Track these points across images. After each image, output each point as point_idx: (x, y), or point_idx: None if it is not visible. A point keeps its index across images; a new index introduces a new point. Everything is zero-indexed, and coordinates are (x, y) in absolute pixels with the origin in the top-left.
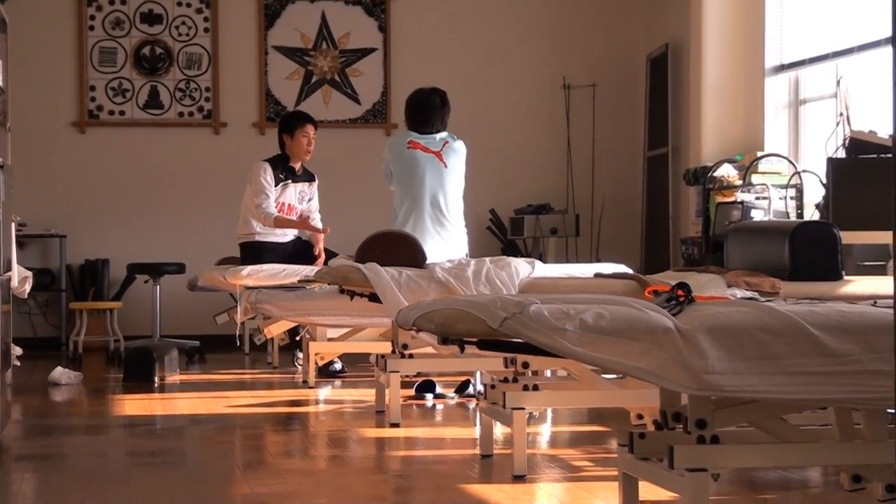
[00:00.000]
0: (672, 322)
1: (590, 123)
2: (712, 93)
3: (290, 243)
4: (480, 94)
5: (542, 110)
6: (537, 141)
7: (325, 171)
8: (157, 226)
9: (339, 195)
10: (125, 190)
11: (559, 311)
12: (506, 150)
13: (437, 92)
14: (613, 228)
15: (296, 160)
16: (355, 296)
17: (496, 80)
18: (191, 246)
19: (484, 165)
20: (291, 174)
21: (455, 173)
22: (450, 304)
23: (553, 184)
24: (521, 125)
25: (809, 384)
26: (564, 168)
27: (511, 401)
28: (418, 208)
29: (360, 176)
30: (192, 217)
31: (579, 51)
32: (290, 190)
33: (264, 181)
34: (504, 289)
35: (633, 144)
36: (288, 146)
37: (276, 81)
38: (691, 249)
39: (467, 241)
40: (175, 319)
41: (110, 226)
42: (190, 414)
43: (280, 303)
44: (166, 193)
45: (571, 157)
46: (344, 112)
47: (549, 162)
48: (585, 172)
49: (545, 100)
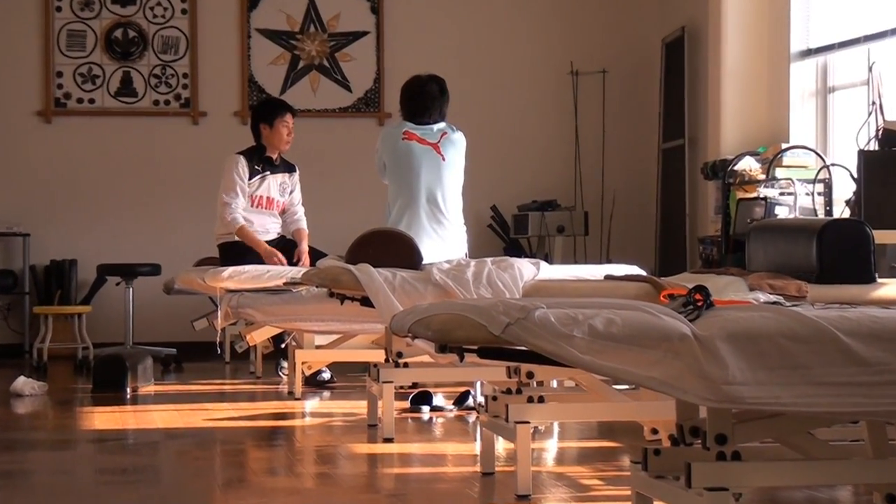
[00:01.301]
0: (689, 328)
1: (599, 113)
2: (733, 80)
3: (273, 242)
4: (481, 81)
5: (547, 99)
6: (543, 132)
7: (313, 165)
8: (130, 224)
9: (328, 190)
10: (95, 185)
11: (566, 317)
12: (508, 142)
13: (435, 79)
14: (625, 227)
15: (273, 151)
16: (345, 300)
17: (498, 65)
18: (167, 245)
19: (485, 158)
20: (269, 165)
21: (454, 167)
22: (448, 308)
23: (560, 178)
24: (525, 115)
25: (839, 396)
26: (572, 161)
27: (514, 414)
28: (414, 205)
29: (350, 169)
30: (168, 214)
31: (588, 34)
32: (268, 182)
33: (236, 175)
34: (507, 292)
35: (646, 136)
36: (265, 136)
37: (260, 67)
38: (710, 249)
39: (467, 240)
40: (149, 325)
41: (78, 223)
42: (165, 428)
43: (264, 307)
44: (140, 188)
45: (579, 150)
46: (333, 100)
47: (555, 154)
48: (595, 166)
49: (551, 87)
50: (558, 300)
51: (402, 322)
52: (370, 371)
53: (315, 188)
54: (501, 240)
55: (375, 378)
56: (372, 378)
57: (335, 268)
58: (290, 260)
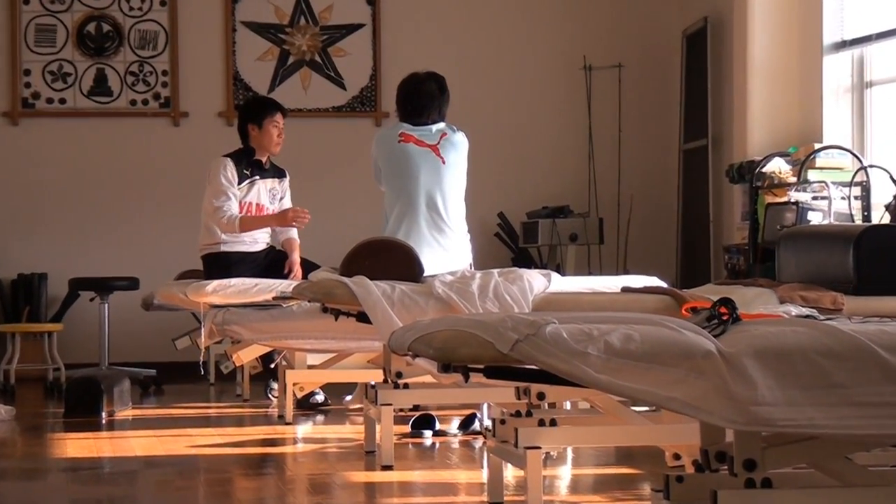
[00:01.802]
0: (714, 344)
1: (615, 111)
2: (760, 74)
3: (262, 253)
4: (485, 77)
5: (558, 96)
6: (553, 132)
7: (304, 169)
8: (105, 234)
9: (320, 197)
10: (67, 192)
11: (580, 333)
12: (516, 144)
13: (434, 77)
14: (644, 234)
15: (262, 153)
16: (340, 315)
17: (504, 61)
18: (145, 258)
19: (490, 161)
20: (259, 169)
21: (455, 170)
22: (451, 324)
23: (572, 182)
24: (533, 114)
25: (879, 417)
26: (585, 164)
27: (524, 438)
28: (412, 212)
29: (344, 174)
30: (147, 224)
31: (602, 25)
32: (258, 187)
33: (224, 180)
34: (515, 306)
35: (666, 135)
36: (254, 138)
37: (246, 63)
38: (736, 259)
39: (472, 250)
40: (126, 344)
41: (49, 234)
42: (144, 456)
43: (251, 324)
44: (116, 196)
45: (593, 151)
46: (326, 99)
47: (567, 156)
48: (610, 169)
49: (562, 84)
50: (571, 315)
51: (401, 339)
52: (367, 393)
53: (307, 194)
54: (509, 249)
55: (373, 400)
56: (369, 400)
57: (329, 281)
58: (280, 272)
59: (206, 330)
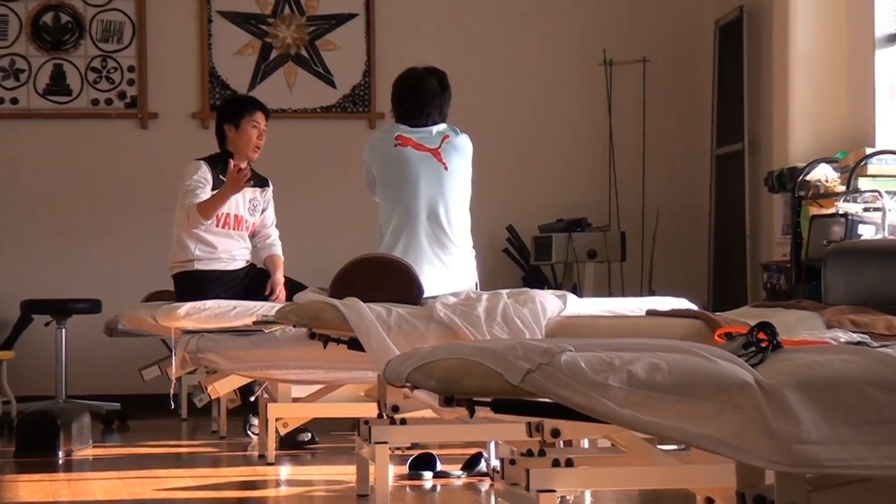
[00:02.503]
0: (751, 375)
1: (639, 111)
2: (804, 70)
3: (241, 272)
4: (492, 73)
5: (574, 94)
6: (568, 135)
7: (289, 177)
8: (63, 250)
9: (307, 209)
10: (18, 203)
11: (600, 362)
12: (526, 148)
13: (434, 73)
14: (671, 251)
15: (241, 158)
16: (329, 342)
17: (512, 55)
18: (108, 277)
19: (498, 168)
20: None
21: (459, 177)
22: (455, 352)
23: (590, 192)
24: (546, 115)
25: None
26: (605, 170)
27: (537, 481)
28: (411, 225)
29: (334, 183)
30: (110, 239)
31: (625, 14)
32: (236, 197)
33: (189, 181)
34: (526, 331)
35: (696, 139)
36: (231, 140)
37: (224, 58)
38: (776, 278)
39: (477, 268)
40: (87, 374)
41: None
42: (106, 501)
43: (229, 351)
44: (75, 208)
45: (614, 156)
46: (314, 98)
47: (584, 163)
48: (633, 176)
49: (579, 81)
50: (590, 341)
51: (398, 369)
52: (360, 429)
53: (292, 206)
54: (520, 267)
55: (366, 438)
56: (362, 438)
57: (317, 303)
58: (262, 294)
59: (178, 358)
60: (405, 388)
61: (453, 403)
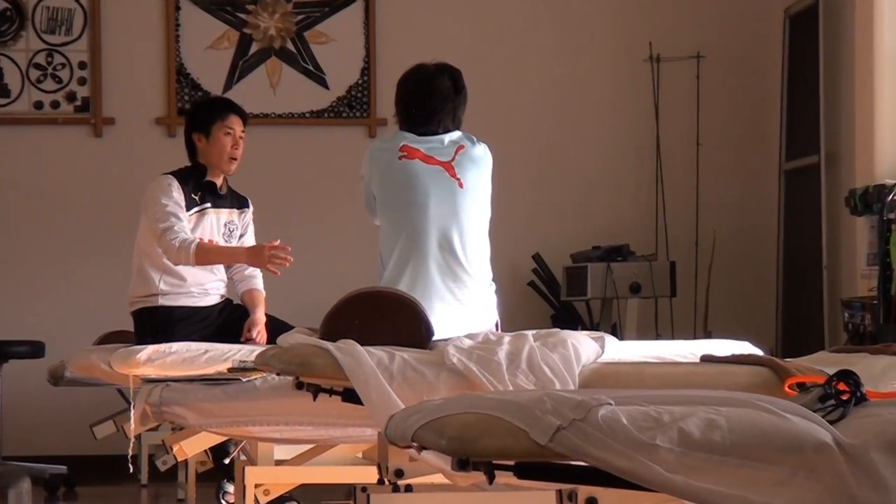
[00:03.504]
0: (830, 434)
1: (692, 117)
2: (892, 69)
3: (214, 309)
4: (515, 72)
5: (613, 98)
6: (607, 146)
7: (271, 196)
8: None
9: (293, 234)
10: None
11: (646, 417)
12: (556, 162)
13: (447, 70)
14: (731, 284)
15: (216, 173)
16: (320, 393)
17: (539, 51)
18: (54, 315)
19: (522, 185)
20: (211, 194)
21: (477, 196)
22: (471, 405)
23: (633, 213)
24: (580, 122)
25: None
26: (651, 188)
27: None
28: (419, 253)
29: (326, 203)
30: (57, 270)
31: (675, 2)
32: (209, 220)
33: (168, 199)
34: (556, 381)
35: (762, 150)
36: (202, 151)
37: (194, 53)
38: (859, 317)
39: (497, 304)
40: (28, 430)
41: None
42: None
43: (199, 404)
44: (14, 232)
45: (662, 171)
46: (302, 101)
47: (625, 179)
48: (685, 195)
49: (619, 81)
50: (633, 393)
51: (403, 425)
52: (356, 497)
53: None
54: (548, 304)
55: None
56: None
57: (305, 346)
58: (239, 335)
59: (138, 412)
60: (411, 449)
61: (469, 467)
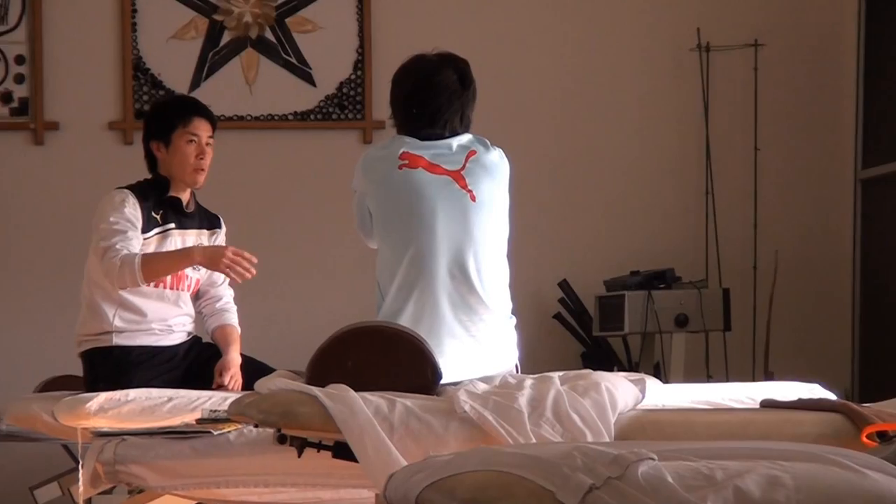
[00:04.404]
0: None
1: (748, 117)
2: None
3: (180, 349)
4: (535, 66)
5: (654, 94)
6: (646, 152)
7: (247, 213)
8: None
9: (273, 258)
10: None
11: (695, 474)
12: (585, 172)
13: (453, 62)
14: (797, 315)
15: (181, 187)
16: (307, 447)
17: (564, 39)
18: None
19: (545, 198)
20: (175, 212)
21: (492, 211)
22: (487, 461)
23: (678, 232)
24: (613, 123)
25: None
26: (699, 202)
27: None
28: (426, 280)
29: (312, 221)
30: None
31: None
32: (173, 243)
33: (117, 218)
34: (588, 432)
35: (833, 156)
36: (162, 162)
37: (155, 44)
38: None
39: (518, 341)
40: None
41: None
42: None
43: (162, 462)
44: None
45: (713, 181)
46: (284, 100)
47: (669, 191)
48: (740, 210)
49: (661, 74)
50: (679, 446)
51: (406, 486)
52: None
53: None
54: (578, 340)
55: None
56: None
57: (288, 393)
58: (209, 379)
59: (88, 472)
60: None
61: None
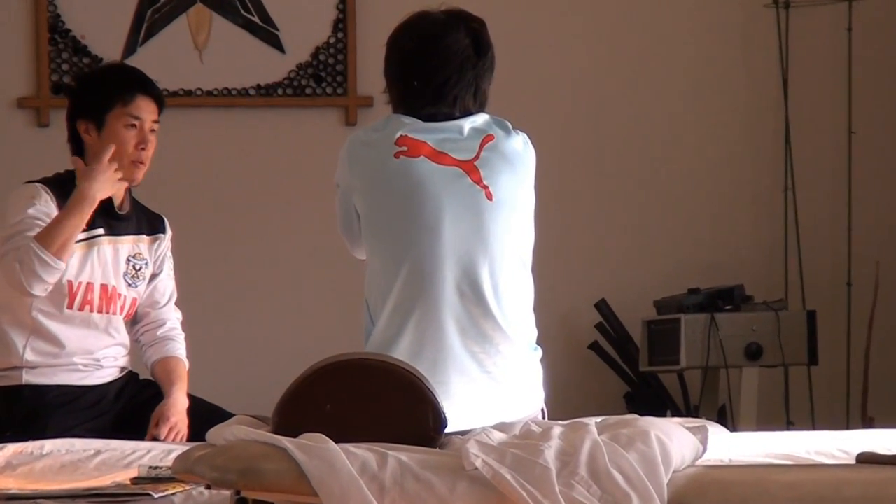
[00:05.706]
0: None
1: (840, 91)
2: None
3: (110, 387)
4: (565, 31)
5: (720, 63)
6: (707, 139)
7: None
8: None
9: (233, 270)
10: None
11: None
12: (629, 165)
13: (464, 20)
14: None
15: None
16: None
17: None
18: None
19: (579, 200)
20: (104, 215)
21: (513, 213)
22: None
23: (749, 241)
24: (665, 102)
25: None
26: (776, 201)
27: None
28: (428, 300)
29: (282, 222)
30: None
31: None
32: (102, 253)
33: (29, 216)
34: (633, 494)
35: None
36: (91, 147)
37: (77, 0)
38: None
39: (544, 377)
40: None
41: None
42: None
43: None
44: None
45: (793, 175)
46: (245, 71)
47: (736, 189)
48: (829, 211)
49: (728, 37)
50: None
51: None
52: None
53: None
54: (620, 376)
55: None
56: None
57: (249, 444)
58: (144, 427)
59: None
60: None
61: None
